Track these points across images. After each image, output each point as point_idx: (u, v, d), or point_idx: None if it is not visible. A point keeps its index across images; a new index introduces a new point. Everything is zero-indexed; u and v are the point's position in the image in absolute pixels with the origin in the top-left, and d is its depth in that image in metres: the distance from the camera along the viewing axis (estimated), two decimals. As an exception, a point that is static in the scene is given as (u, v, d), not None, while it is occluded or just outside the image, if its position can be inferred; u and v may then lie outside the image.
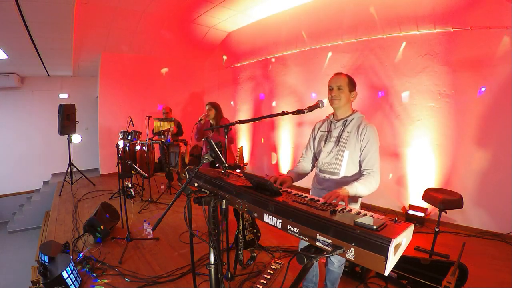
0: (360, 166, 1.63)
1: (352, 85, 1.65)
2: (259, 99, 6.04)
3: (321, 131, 1.79)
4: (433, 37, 3.50)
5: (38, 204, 5.96)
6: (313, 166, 1.85)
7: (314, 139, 1.83)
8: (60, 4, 3.41)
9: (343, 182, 1.64)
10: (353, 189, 1.42)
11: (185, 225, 3.07)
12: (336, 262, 1.80)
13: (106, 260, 2.68)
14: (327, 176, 1.70)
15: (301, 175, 1.77)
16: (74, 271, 2.22)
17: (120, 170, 3.08)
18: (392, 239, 0.76)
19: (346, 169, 1.63)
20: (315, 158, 1.83)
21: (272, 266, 2.52)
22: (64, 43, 4.60)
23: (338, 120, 1.70)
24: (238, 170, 1.78)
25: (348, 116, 1.67)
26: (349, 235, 0.83)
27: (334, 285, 1.89)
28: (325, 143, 1.72)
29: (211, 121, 3.48)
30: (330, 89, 1.66)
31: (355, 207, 1.60)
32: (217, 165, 1.52)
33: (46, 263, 2.22)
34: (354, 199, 1.66)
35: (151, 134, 4.98)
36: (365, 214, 0.99)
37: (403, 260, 2.30)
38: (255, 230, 2.63)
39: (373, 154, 1.57)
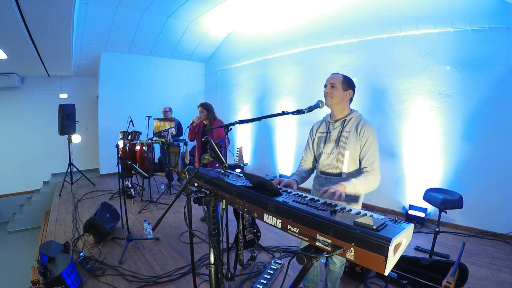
0: (360, 164, 1.63)
1: (347, 84, 1.65)
2: (259, 99, 6.04)
3: (319, 132, 1.79)
4: (433, 37, 3.50)
5: (38, 204, 5.97)
6: (314, 167, 1.85)
7: (313, 141, 1.82)
8: (60, 4, 3.40)
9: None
10: (351, 185, 1.41)
11: (185, 225, 3.07)
12: (338, 262, 1.80)
13: (106, 260, 2.68)
14: (329, 177, 1.69)
15: (305, 178, 1.75)
16: (74, 271, 2.22)
17: (120, 170, 3.08)
18: (392, 239, 0.76)
19: (347, 169, 1.63)
20: (315, 160, 1.82)
21: (272, 266, 2.52)
22: (64, 43, 4.60)
23: (336, 120, 1.71)
24: (238, 170, 1.78)
25: (346, 116, 1.67)
26: (349, 235, 0.83)
27: (335, 285, 1.89)
28: (324, 144, 1.71)
29: (204, 122, 3.47)
30: (325, 87, 1.68)
31: (356, 207, 1.60)
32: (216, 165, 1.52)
33: (46, 263, 2.22)
34: (355, 199, 1.66)
35: (152, 134, 4.98)
36: (365, 214, 0.99)
37: (403, 260, 2.30)
38: (255, 230, 2.63)
39: (372, 152, 1.57)
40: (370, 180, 1.51)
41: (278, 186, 1.48)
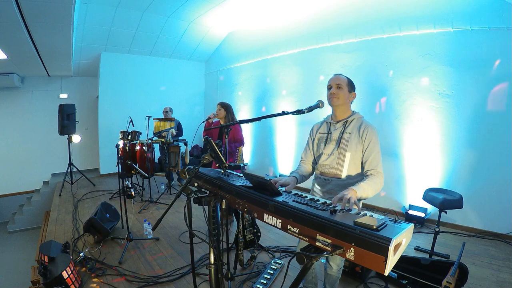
0: (362, 167, 1.62)
1: (351, 86, 1.66)
2: (259, 99, 6.04)
3: (320, 133, 1.77)
4: (433, 37, 3.50)
5: (38, 204, 5.96)
6: (314, 168, 1.83)
7: (313, 141, 1.81)
8: (60, 4, 3.40)
9: (345, 184, 1.63)
10: (360, 189, 1.37)
11: (185, 225, 3.07)
12: (335, 267, 1.79)
13: (106, 260, 2.68)
14: (328, 178, 1.68)
15: (305, 177, 1.74)
16: (74, 271, 2.22)
17: (120, 170, 3.08)
18: (392, 239, 0.76)
19: (347, 170, 1.62)
20: (315, 161, 1.81)
21: (272, 266, 2.52)
22: (64, 43, 4.60)
23: (337, 121, 1.69)
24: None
25: (348, 117, 1.67)
26: (349, 235, 0.83)
27: (333, 287, 1.88)
28: (325, 145, 1.70)
29: (221, 122, 3.37)
30: (329, 88, 1.66)
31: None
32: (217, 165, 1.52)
33: (46, 263, 2.22)
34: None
35: (152, 134, 4.98)
36: (365, 214, 0.99)
37: (403, 260, 2.30)
38: (255, 230, 2.63)
39: (376, 154, 1.57)
40: (377, 183, 1.50)
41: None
